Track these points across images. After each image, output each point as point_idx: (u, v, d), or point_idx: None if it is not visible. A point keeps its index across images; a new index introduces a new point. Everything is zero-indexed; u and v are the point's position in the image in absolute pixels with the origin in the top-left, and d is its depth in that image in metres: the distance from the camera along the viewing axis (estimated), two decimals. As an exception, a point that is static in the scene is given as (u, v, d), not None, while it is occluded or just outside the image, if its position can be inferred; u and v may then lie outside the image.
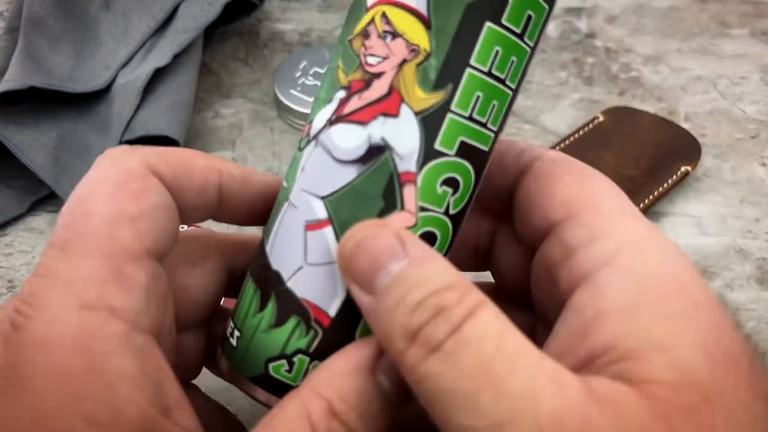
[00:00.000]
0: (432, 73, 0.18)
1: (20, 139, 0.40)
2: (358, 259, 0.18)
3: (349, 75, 0.19)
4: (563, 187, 0.20)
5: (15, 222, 0.41)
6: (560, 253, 0.19)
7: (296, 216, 0.20)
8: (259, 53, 0.54)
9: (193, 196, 0.21)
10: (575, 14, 0.59)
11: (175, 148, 0.21)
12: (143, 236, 0.19)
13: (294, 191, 0.20)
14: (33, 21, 0.45)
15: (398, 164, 0.19)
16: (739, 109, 0.50)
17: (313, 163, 0.20)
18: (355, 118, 0.19)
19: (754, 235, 0.42)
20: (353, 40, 0.20)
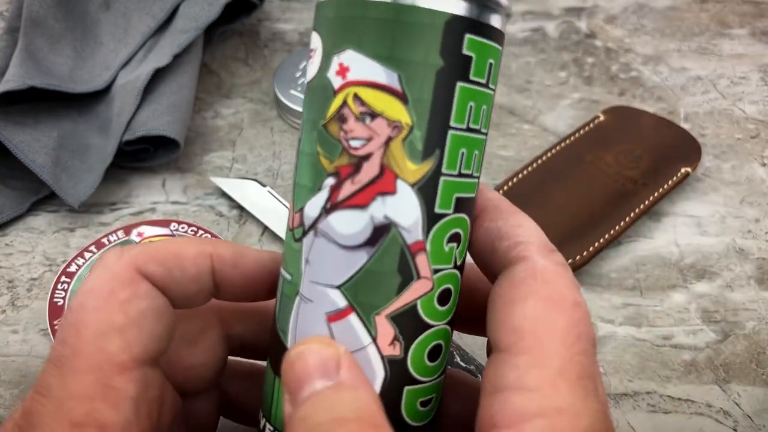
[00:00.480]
0: (419, 144, 0.19)
1: (20, 139, 0.40)
2: (292, 368, 0.19)
3: (335, 161, 0.19)
4: (522, 313, 0.19)
5: (15, 222, 0.41)
6: (491, 384, 0.19)
7: (314, 309, 0.20)
8: (259, 53, 0.54)
9: (188, 286, 0.22)
10: (575, 14, 0.59)
11: (163, 242, 0.22)
12: (132, 345, 0.20)
13: (304, 285, 0.20)
14: (33, 21, 0.45)
15: (406, 237, 0.19)
16: (739, 109, 0.50)
17: (318, 254, 0.20)
18: (353, 203, 0.19)
19: (754, 235, 0.42)
20: (328, 125, 0.19)
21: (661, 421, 0.33)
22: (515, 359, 0.18)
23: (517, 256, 0.20)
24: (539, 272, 0.20)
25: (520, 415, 0.17)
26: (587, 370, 0.18)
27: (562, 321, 0.19)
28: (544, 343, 0.18)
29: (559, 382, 0.18)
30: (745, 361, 0.35)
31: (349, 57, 0.19)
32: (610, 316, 0.37)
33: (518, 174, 0.44)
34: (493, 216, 0.22)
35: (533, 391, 0.18)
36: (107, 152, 0.41)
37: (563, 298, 0.19)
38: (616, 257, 0.40)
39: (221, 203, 0.43)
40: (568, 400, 0.18)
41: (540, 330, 0.19)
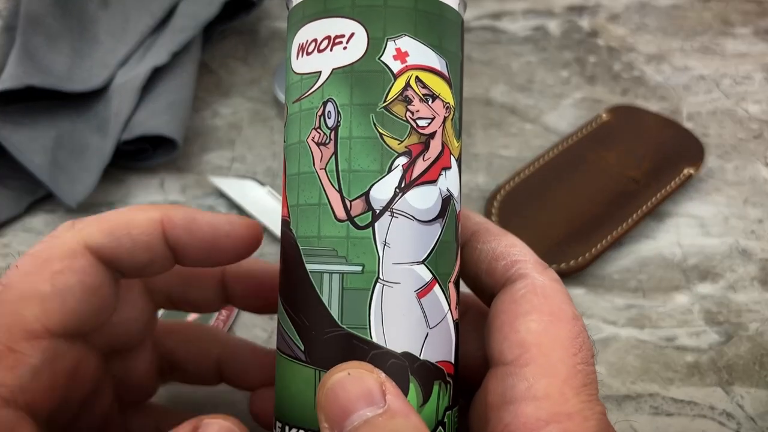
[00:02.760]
0: (457, 124, 0.22)
1: (18, 138, 0.40)
2: (334, 396, 0.18)
3: (404, 140, 0.20)
4: (526, 327, 0.20)
5: (13, 222, 0.41)
6: (498, 397, 0.20)
7: (402, 290, 0.20)
8: (259, 52, 0.53)
9: (140, 255, 0.22)
10: (577, 13, 0.58)
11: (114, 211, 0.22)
12: (50, 315, 0.20)
13: (385, 269, 0.20)
14: (31, 19, 0.45)
15: (456, 207, 0.22)
16: (742, 108, 0.50)
17: (398, 234, 0.20)
18: (426, 179, 0.21)
19: (758, 235, 0.41)
20: (392, 106, 0.20)
21: (664, 424, 0.33)
22: (523, 371, 0.19)
23: (516, 274, 0.22)
24: (539, 288, 0.21)
25: (535, 423, 0.18)
26: (589, 377, 0.20)
27: (565, 333, 0.20)
28: (550, 354, 0.19)
29: (566, 390, 0.19)
30: (749, 362, 0.35)
31: (406, 43, 0.20)
32: (613, 318, 0.37)
33: (520, 174, 0.44)
34: (486, 238, 0.23)
35: (543, 399, 0.19)
36: (105, 152, 0.41)
37: (563, 312, 0.21)
38: (618, 258, 0.40)
39: (220, 203, 0.42)
40: (577, 406, 0.19)
41: (545, 342, 0.20)
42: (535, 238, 0.40)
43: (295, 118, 0.21)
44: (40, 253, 0.20)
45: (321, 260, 0.20)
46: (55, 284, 0.20)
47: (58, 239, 0.21)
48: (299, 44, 0.22)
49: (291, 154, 0.22)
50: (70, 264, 0.20)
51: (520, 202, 0.42)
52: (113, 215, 0.22)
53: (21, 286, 0.20)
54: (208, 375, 0.28)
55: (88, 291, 0.21)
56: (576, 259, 0.38)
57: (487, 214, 0.42)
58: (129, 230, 0.21)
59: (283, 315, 0.21)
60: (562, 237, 0.40)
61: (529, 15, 0.58)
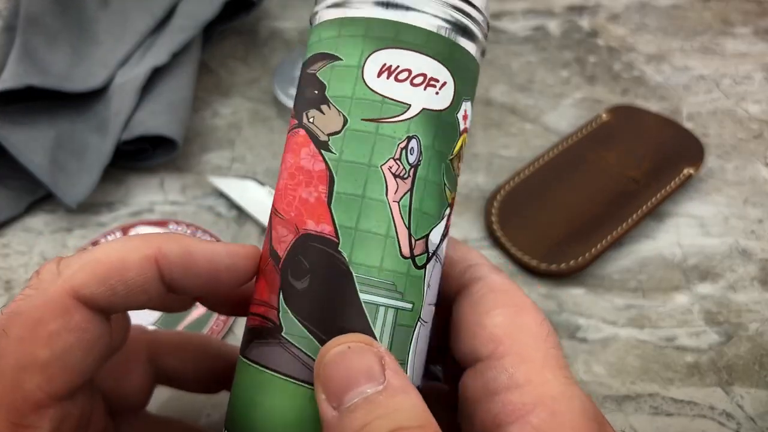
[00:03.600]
0: None
1: (18, 138, 0.40)
2: (335, 369, 0.18)
3: (453, 193, 0.22)
4: (493, 321, 0.21)
5: (12, 222, 0.41)
6: (481, 391, 0.20)
7: (428, 330, 0.22)
8: (258, 52, 0.53)
9: (135, 298, 0.20)
10: (577, 13, 0.58)
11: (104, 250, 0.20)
12: (53, 382, 0.19)
13: (423, 309, 0.21)
14: (30, 19, 0.45)
15: None
16: (742, 108, 0.50)
17: (435, 277, 0.22)
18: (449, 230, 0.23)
19: (758, 235, 0.41)
20: (453, 161, 0.22)
21: (663, 424, 0.33)
22: (501, 362, 0.20)
23: (471, 277, 0.22)
24: (497, 286, 0.22)
25: (522, 408, 0.19)
26: (562, 360, 0.20)
27: (531, 321, 0.21)
28: (523, 342, 0.20)
29: (546, 374, 0.20)
30: (749, 362, 0.35)
31: (469, 108, 0.22)
32: (613, 318, 0.37)
33: (520, 174, 0.44)
34: None
35: (526, 385, 0.19)
36: (105, 152, 0.41)
37: (524, 303, 0.21)
38: (618, 258, 0.40)
39: (220, 203, 0.42)
40: (558, 388, 0.19)
41: (515, 332, 0.20)
42: (535, 238, 0.40)
43: (367, 138, 0.20)
44: (29, 312, 0.19)
45: (378, 292, 0.20)
46: (53, 348, 0.18)
47: (46, 292, 0.19)
48: (386, 64, 0.21)
49: (350, 173, 0.20)
50: (66, 323, 0.19)
51: (520, 202, 0.42)
52: (103, 256, 0.20)
53: (16, 354, 0.18)
54: (207, 386, 0.27)
55: (88, 346, 0.19)
56: (576, 259, 0.38)
57: (487, 214, 0.42)
58: (123, 275, 0.20)
59: (308, 340, 0.20)
60: (562, 237, 0.40)
61: (529, 15, 0.58)
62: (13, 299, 0.19)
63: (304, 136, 0.21)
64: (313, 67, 0.22)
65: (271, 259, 0.21)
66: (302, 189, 0.21)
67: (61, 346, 0.19)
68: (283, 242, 0.21)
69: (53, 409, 0.19)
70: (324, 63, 0.21)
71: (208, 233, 0.40)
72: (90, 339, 0.19)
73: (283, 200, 0.21)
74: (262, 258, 0.22)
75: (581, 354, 0.35)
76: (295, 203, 0.21)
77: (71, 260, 0.20)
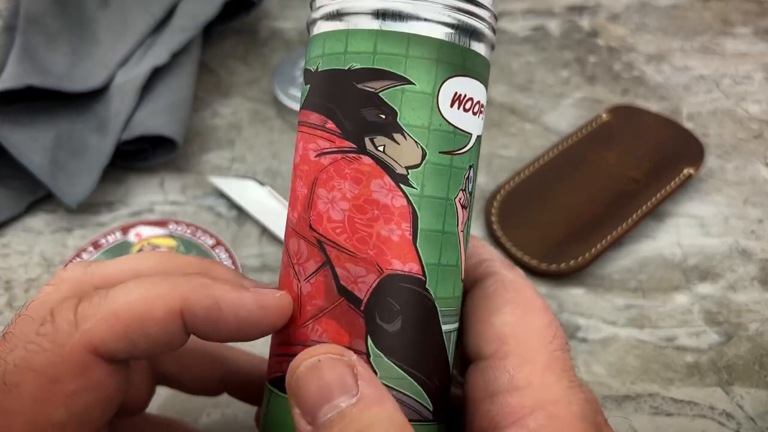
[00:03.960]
0: None
1: (18, 138, 0.40)
2: (308, 383, 0.17)
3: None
4: (501, 320, 0.21)
5: (12, 222, 0.41)
6: (482, 390, 0.20)
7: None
8: (258, 52, 0.53)
9: (156, 350, 0.19)
10: (577, 13, 0.58)
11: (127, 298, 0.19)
12: None
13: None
14: (30, 19, 0.45)
15: None
16: (742, 108, 0.50)
17: None
18: None
19: (758, 236, 0.41)
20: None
21: (663, 424, 0.33)
22: (503, 362, 0.20)
23: (484, 272, 0.22)
24: (508, 283, 0.22)
25: (520, 411, 0.19)
26: (567, 363, 0.20)
27: (538, 322, 0.21)
28: (527, 344, 0.20)
29: (548, 376, 0.19)
30: (749, 363, 0.35)
31: None
32: (613, 318, 0.37)
33: (519, 174, 0.44)
34: None
35: (526, 388, 0.19)
36: (105, 152, 0.41)
37: (534, 303, 0.21)
38: (618, 258, 0.40)
39: (220, 203, 0.42)
40: (559, 392, 0.19)
41: (521, 333, 0.20)
42: (535, 238, 0.40)
43: (445, 172, 0.20)
44: (44, 369, 0.17)
45: (451, 320, 0.21)
46: (70, 409, 0.18)
47: (63, 347, 0.18)
48: (458, 94, 0.20)
49: (432, 208, 0.20)
50: (84, 382, 0.18)
51: (520, 202, 0.42)
52: (125, 308, 0.18)
53: (30, 414, 0.17)
54: (209, 390, 0.27)
55: (105, 402, 0.19)
56: (576, 259, 0.38)
57: (487, 214, 0.42)
58: (145, 330, 0.18)
59: (406, 380, 0.20)
60: (562, 237, 0.40)
61: (529, 15, 0.58)
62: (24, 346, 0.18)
63: (372, 165, 0.19)
64: (369, 84, 0.20)
65: (344, 299, 0.20)
66: (380, 226, 0.19)
67: (79, 406, 0.18)
68: (363, 283, 0.19)
69: None
70: (388, 83, 0.19)
71: (208, 233, 0.40)
72: (108, 395, 0.19)
73: (352, 235, 0.20)
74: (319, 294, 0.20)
75: (581, 354, 0.35)
76: (373, 240, 0.19)
77: (89, 309, 0.18)
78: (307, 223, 0.20)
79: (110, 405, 0.19)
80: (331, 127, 0.20)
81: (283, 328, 0.21)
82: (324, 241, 0.20)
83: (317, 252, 0.20)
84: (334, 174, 0.20)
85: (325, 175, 0.20)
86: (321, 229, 0.20)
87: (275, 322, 0.20)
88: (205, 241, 0.39)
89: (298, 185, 0.21)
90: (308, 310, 0.20)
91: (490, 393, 0.20)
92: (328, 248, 0.20)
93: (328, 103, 0.20)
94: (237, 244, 0.40)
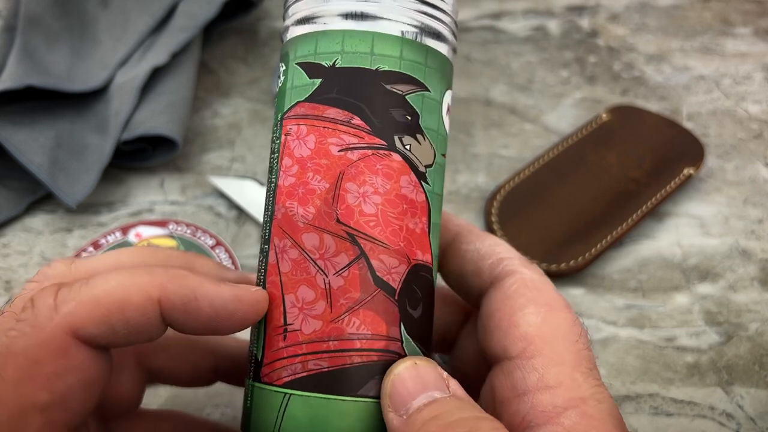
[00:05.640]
0: None
1: (18, 138, 0.40)
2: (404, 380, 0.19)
3: None
4: (526, 320, 0.21)
5: (12, 222, 0.41)
6: (509, 390, 0.20)
7: None
8: (258, 52, 0.53)
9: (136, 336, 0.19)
10: (577, 13, 0.58)
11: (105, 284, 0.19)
12: (54, 424, 0.18)
13: None
14: (30, 19, 0.45)
15: None
16: (742, 108, 0.50)
17: None
18: None
19: (758, 236, 0.41)
20: None
21: (663, 424, 0.33)
22: (531, 362, 0.20)
23: (504, 271, 0.22)
24: (529, 282, 0.21)
25: (552, 410, 0.19)
26: (592, 362, 0.20)
27: (563, 322, 0.21)
28: (554, 343, 0.20)
29: (577, 376, 0.20)
30: (749, 363, 0.35)
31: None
32: (613, 318, 0.37)
33: (520, 174, 0.44)
34: (469, 239, 0.23)
35: (556, 387, 0.19)
36: (105, 152, 0.41)
37: (557, 302, 0.21)
38: (618, 258, 0.40)
39: (220, 203, 0.42)
40: (589, 390, 0.19)
41: (547, 333, 0.20)
42: (535, 238, 0.40)
43: (441, 171, 0.22)
44: (25, 352, 0.17)
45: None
46: (53, 391, 0.18)
47: (43, 330, 0.18)
48: (449, 103, 0.23)
49: (437, 204, 0.22)
50: (65, 363, 0.18)
51: (520, 202, 0.42)
52: (104, 293, 0.19)
53: (14, 399, 0.17)
54: (201, 381, 0.27)
55: (89, 384, 0.19)
56: (576, 259, 0.38)
57: (487, 214, 0.42)
58: (124, 315, 0.19)
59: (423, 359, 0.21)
60: (562, 237, 0.40)
61: (529, 15, 0.58)
62: (5, 332, 0.18)
63: (401, 162, 0.21)
64: (397, 87, 0.21)
65: (380, 290, 0.20)
66: (408, 219, 0.21)
67: (62, 387, 0.18)
68: (396, 273, 0.21)
69: None
70: (412, 88, 0.21)
71: (208, 233, 0.40)
72: (91, 378, 0.19)
73: (386, 228, 0.20)
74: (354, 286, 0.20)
75: (581, 354, 0.35)
76: (403, 233, 0.21)
77: (69, 294, 0.19)
78: (333, 217, 0.20)
79: (92, 389, 0.19)
80: (359, 123, 0.21)
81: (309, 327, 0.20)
82: (357, 235, 0.20)
83: (349, 245, 0.20)
84: (364, 169, 0.20)
85: (355, 170, 0.20)
86: (353, 222, 0.20)
87: (249, 316, 0.20)
88: (205, 241, 0.39)
89: (311, 179, 0.21)
90: (342, 303, 0.20)
91: (518, 393, 0.20)
92: (362, 241, 0.20)
93: (353, 100, 0.21)
94: (237, 244, 0.40)
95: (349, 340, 0.20)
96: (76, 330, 0.18)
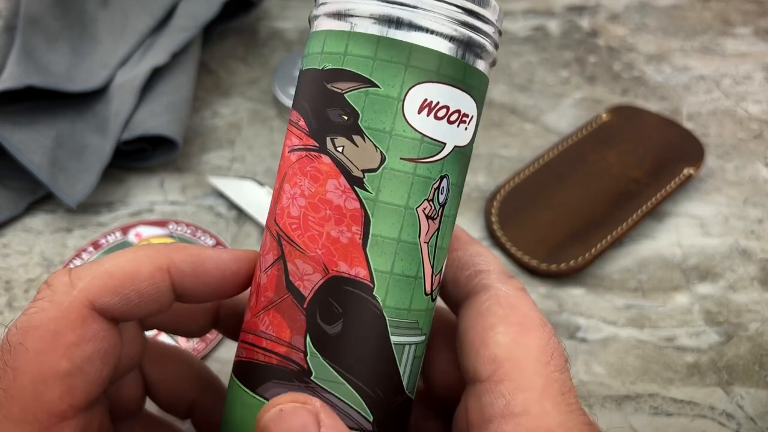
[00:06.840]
0: None
1: (18, 138, 0.40)
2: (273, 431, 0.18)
3: None
4: (495, 340, 0.20)
5: (12, 222, 0.41)
6: (478, 415, 0.19)
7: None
8: (258, 52, 0.53)
9: (147, 307, 0.20)
10: (577, 13, 0.58)
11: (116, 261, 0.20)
12: (74, 392, 0.19)
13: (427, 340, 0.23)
14: (31, 19, 0.45)
15: None
16: (742, 108, 0.50)
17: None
18: None
19: (758, 236, 0.41)
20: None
21: (663, 424, 0.33)
22: (498, 387, 0.19)
23: (478, 285, 0.21)
24: (503, 299, 0.21)
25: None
26: (566, 385, 0.19)
27: (534, 342, 0.20)
28: (523, 367, 0.19)
29: (545, 402, 0.18)
30: (749, 363, 0.35)
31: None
32: (613, 318, 0.37)
33: (520, 174, 0.44)
34: (455, 245, 0.23)
35: (522, 415, 0.18)
36: (105, 152, 0.41)
37: (531, 321, 0.20)
38: (618, 258, 0.40)
39: (220, 203, 0.42)
40: (557, 418, 0.18)
41: (516, 355, 0.19)
42: (535, 238, 0.40)
43: (404, 179, 0.19)
44: (46, 324, 0.19)
45: (405, 332, 0.20)
46: (72, 359, 0.19)
47: (62, 304, 0.19)
48: (427, 100, 0.19)
49: (387, 215, 0.19)
50: (83, 333, 0.19)
51: (520, 202, 0.42)
52: (115, 266, 0.20)
53: (36, 367, 0.18)
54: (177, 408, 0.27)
55: (105, 355, 0.20)
56: (576, 259, 0.38)
57: (487, 214, 0.42)
58: (136, 285, 0.20)
59: (342, 385, 0.20)
60: (562, 237, 0.40)
61: (529, 15, 0.58)
62: (24, 312, 0.19)
63: (330, 165, 0.19)
64: (337, 85, 0.19)
65: (290, 295, 0.20)
66: (331, 226, 0.19)
67: (81, 356, 0.19)
68: (308, 281, 0.20)
69: (75, 420, 0.19)
70: (354, 85, 0.19)
71: (208, 233, 0.40)
72: (107, 348, 0.20)
73: (304, 233, 0.20)
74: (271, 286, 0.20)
75: (581, 354, 0.35)
76: (322, 240, 0.19)
77: (83, 271, 0.20)
78: (273, 217, 0.21)
79: (108, 359, 0.20)
80: (302, 124, 0.20)
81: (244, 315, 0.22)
82: (282, 236, 0.20)
83: (276, 245, 0.20)
84: (297, 171, 0.20)
85: (291, 171, 0.20)
86: (281, 223, 0.20)
87: (248, 272, 0.22)
88: (205, 241, 0.39)
89: (277, 180, 0.21)
90: (261, 300, 0.21)
91: (486, 419, 0.19)
92: (284, 243, 0.20)
93: (303, 102, 0.20)
94: (237, 244, 0.40)
95: (259, 338, 0.20)
96: (92, 301, 0.19)
